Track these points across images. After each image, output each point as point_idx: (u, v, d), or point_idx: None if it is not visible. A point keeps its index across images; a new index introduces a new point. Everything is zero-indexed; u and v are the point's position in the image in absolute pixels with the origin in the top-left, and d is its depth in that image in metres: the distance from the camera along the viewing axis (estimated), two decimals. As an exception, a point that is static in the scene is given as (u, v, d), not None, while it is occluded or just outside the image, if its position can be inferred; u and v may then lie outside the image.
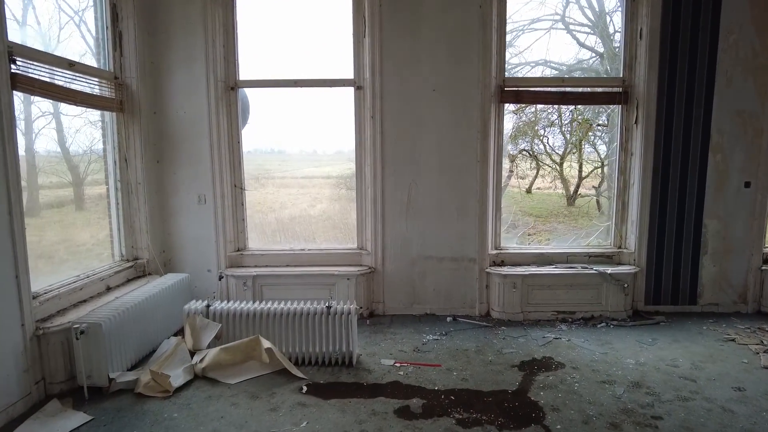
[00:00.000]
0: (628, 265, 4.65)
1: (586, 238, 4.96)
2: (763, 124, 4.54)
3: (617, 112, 4.70)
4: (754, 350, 3.79)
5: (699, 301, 4.72)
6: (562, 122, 5.40)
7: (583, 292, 4.53)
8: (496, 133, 4.56)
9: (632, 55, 4.54)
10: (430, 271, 4.61)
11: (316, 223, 5.03)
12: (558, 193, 6.07)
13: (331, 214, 5.10)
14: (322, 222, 5.04)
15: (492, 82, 4.43)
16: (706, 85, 4.46)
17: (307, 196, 5.27)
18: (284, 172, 5.27)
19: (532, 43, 4.77)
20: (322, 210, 5.19)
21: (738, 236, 4.66)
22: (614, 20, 4.93)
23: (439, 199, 4.53)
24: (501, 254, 4.68)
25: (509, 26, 4.56)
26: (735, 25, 4.40)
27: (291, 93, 4.67)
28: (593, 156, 5.73)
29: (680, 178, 4.56)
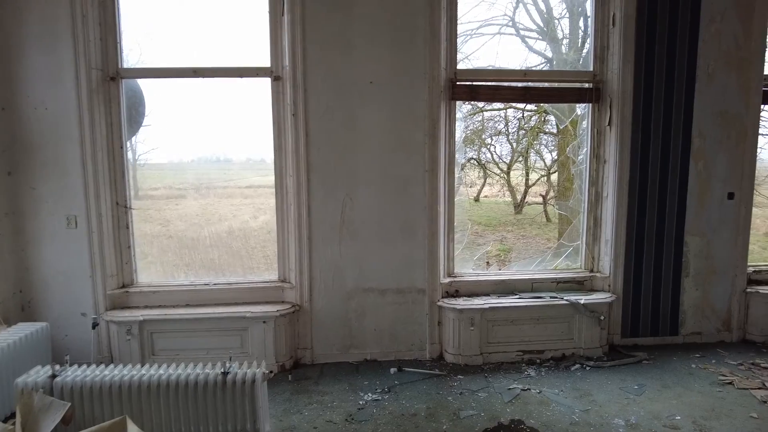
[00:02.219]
0: (603, 292, 3.94)
1: (553, 260, 4.23)
2: (747, 127, 3.97)
3: (586, 113, 4.00)
4: (760, 398, 3.13)
5: (681, 331, 4.08)
6: (509, 130, 5.35)
7: (553, 326, 3.78)
8: (447, 136, 3.75)
9: (603, 45, 3.85)
10: (370, 307, 3.72)
11: (257, 235, 4.10)
12: (505, 201, 6.05)
13: (272, 227, 4.22)
14: (264, 235, 4.10)
15: (441, 74, 3.61)
16: (687, 81, 3.83)
17: (250, 207, 4.47)
18: (228, 181, 4.46)
19: (480, 47, 4.17)
20: (265, 221, 4.32)
21: (721, 255, 4.06)
22: (563, 26, 4.71)
23: (381, 217, 3.65)
24: (455, 282, 3.86)
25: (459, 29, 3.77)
26: (717, 13, 3.80)
27: (206, 86, 3.68)
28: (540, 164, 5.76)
29: (659, 189, 3.91)
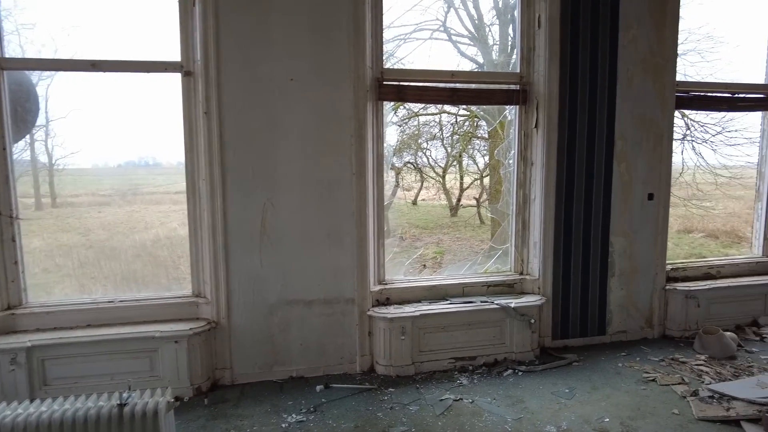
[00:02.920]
0: (533, 294, 3.93)
1: (483, 263, 4.18)
2: (663, 130, 4.11)
3: (514, 116, 3.98)
4: (680, 393, 3.20)
5: (608, 330, 4.14)
6: (444, 135, 5.38)
7: (485, 331, 3.71)
8: (375, 137, 3.58)
9: (530, 47, 3.84)
10: (296, 320, 3.47)
11: (185, 244, 3.72)
12: (442, 204, 6.09)
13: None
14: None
15: (367, 73, 3.45)
16: (609, 84, 3.90)
17: (179, 213, 4.10)
18: (157, 186, 4.10)
19: (412, 51, 4.11)
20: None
21: (643, 254, 4.17)
22: (493, 32, 4.81)
23: (305, 223, 3.42)
24: (386, 290, 3.70)
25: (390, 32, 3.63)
26: (633, 19, 3.90)
27: (121, 82, 3.33)
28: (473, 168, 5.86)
29: (585, 190, 3.95)
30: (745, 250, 6.12)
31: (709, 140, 6.32)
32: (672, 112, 4.12)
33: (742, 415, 2.87)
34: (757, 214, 4.85)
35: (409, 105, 5.15)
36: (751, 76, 4.63)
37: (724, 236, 7.33)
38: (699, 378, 3.42)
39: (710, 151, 6.46)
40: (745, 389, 3.20)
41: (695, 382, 3.37)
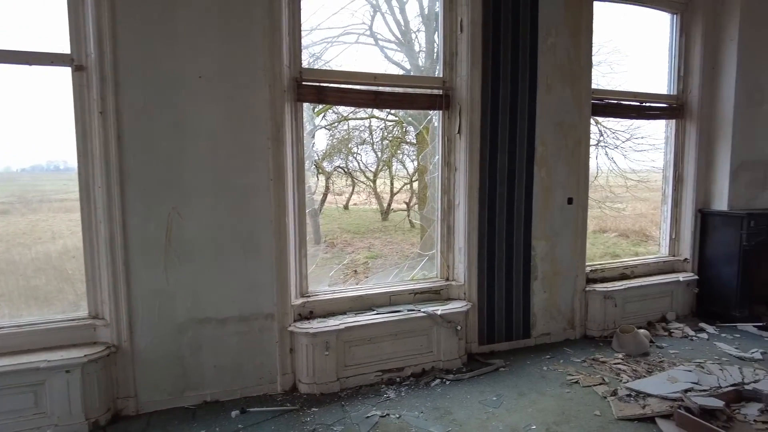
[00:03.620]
0: (459, 300, 3.88)
1: (410, 270, 4.09)
2: (581, 136, 4.23)
3: (438, 121, 3.93)
4: (601, 394, 3.26)
5: (532, 333, 4.19)
6: (374, 140, 5.37)
7: (412, 341, 3.61)
8: (294, 141, 3.38)
9: (452, 51, 3.81)
10: (209, 340, 3.18)
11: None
12: (373, 209, 6.13)
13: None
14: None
15: (285, 72, 3.24)
16: (529, 90, 3.96)
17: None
18: (67, 193, 3.62)
19: (339, 54, 3.96)
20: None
21: (564, 257, 4.27)
22: (419, 38, 4.82)
23: (218, 234, 3.15)
24: (309, 303, 3.49)
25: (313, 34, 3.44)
26: (552, 27, 3.99)
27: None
28: (403, 172, 5.91)
29: (507, 195, 3.97)
30: (652, 249, 6.52)
31: (620, 146, 6.73)
32: (588, 119, 4.25)
33: (656, 412, 2.96)
34: (663, 216, 5.14)
35: (338, 109, 5.02)
36: (656, 86, 4.92)
37: (633, 235, 7.82)
38: (618, 377, 3.52)
39: (621, 156, 6.88)
40: (658, 385, 3.32)
41: (614, 381, 3.46)
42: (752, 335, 4.42)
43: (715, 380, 3.44)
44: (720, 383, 3.39)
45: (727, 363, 3.78)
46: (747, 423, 2.89)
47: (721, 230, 4.76)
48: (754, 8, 4.59)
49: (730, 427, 2.84)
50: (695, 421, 2.74)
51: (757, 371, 3.62)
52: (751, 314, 4.69)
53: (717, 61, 4.72)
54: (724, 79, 4.70)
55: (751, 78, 4.67)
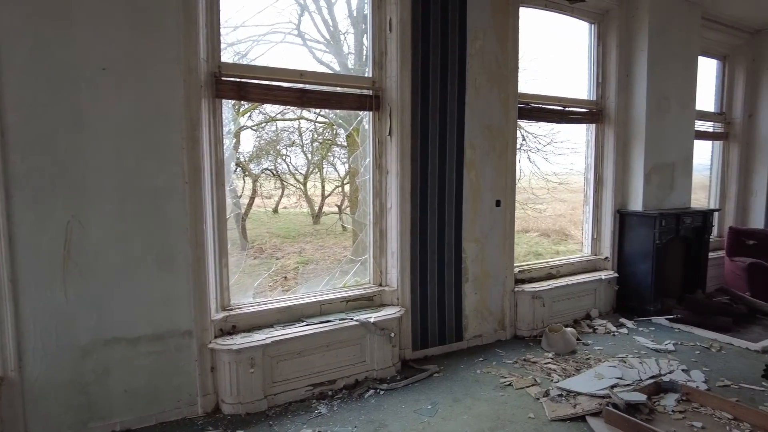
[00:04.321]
0: (392, 306, 3.78)
1: (342, 277, 3.93)
2: (509, 140, 4.29)
3: (368, 123, 3.82)
4: (534, 395, 3.28)
5: (465, 336, 4.18)
6: (303, 142, 5.20)
7: (344, 351, 3.45)
8: (213, 140, 3.12)
9: (382, 51, 3.71)
10: (117, 363, 2.84)
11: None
12: (304, 212, 5.96)
13: None
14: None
15: (201, 66, 2.98)
16: (458, 92, 3.94)
17: None
18: None
19: (264, 52, 3.73)
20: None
21: (493, 259, 4.30)
22: (348, 40, 4.71)
23: (126, 244, 2.82)
24: (232, 317, 3.24)
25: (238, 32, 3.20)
26: (480, 30, 4.00)
27: None
28: (334, 175, 5.73)
29: (439, 198, 3.93)
30: (571, 247, 6.82)
31: (541, 150, 6.98)
32: (515, 122, 4.32)
33: (586, 411, 3.00)
34: (585, 216, 5.35)
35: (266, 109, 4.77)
36: (578, 92, 5.11)
37: (554, 234, 8.17)
38: (549, 377, 3.57)
39: (542, 159, 7.14)
40: (586, 383, 3.40)
41: (546, 381, 3.49)
42: (665, 328, 4.69)
43: (636, 374, 3.57)
44: (641, 376, 3.53)
45: (646, 356, 3.96)
46: (666, 414, 3.01)
47: (636, 229, 5.02)
48: (660, 22, 4.89)
49: (652, 419, 2.94)
50: (622, 416, 2.80)
51: (671, 362, 3.82)
52: (663, 308, 4.98)
53: (630, 70, 4.99)
54: (637, 87, 4.97)
55: (659, 87, 4.98)
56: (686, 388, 3.22)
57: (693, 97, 5.37)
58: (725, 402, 3.05)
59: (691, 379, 3.52)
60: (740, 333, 4.49)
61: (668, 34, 4.98)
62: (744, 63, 6.29)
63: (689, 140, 5.41)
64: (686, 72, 5.25)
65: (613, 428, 2.80)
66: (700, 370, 3.69)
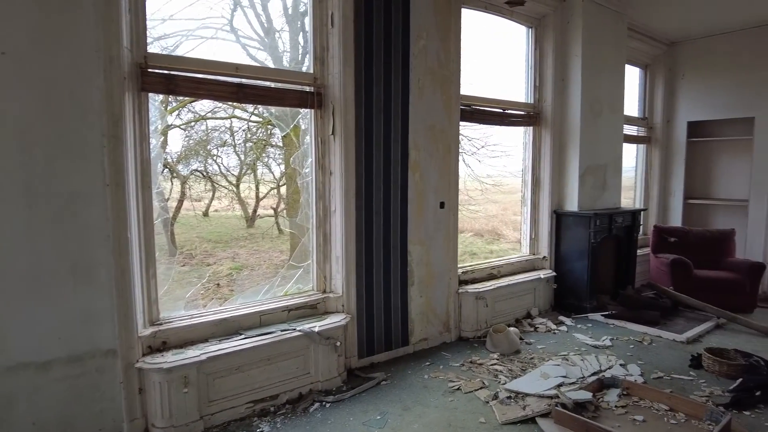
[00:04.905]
0: (337, 313, 3.62)
1: (283, 285, 3.72)
2: (451, 141, 4.26)
3: (309, 122, 3.64)
4: (484, 399, 3.24)
5: (411, 340, 4.09)
6: (236, 142, 4.98)
7: (287, 364, 3.25)
8: (138, 138, 2.82)
9: (323, 46, 3.55)
10: (25, 391, 2.47)
11: None
12: (237, 215, 5.68)
13: None
14: None
15: (125, 55, 2.68)
16: (402, 92, 3.86)
17: None
18: None
19: (195, 47, 3.44)
20: None
21: (438, 261, 4.26)
22: (284, 38, 4.51)
23: (34, 255, 2.46)
24: (161, 332, 2.94)
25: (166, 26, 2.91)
26: (423, 30, 3.94)
27: None
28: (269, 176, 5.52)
29: (384, 200, 3.82)
30: (504, 246, 6.98)
31: (476, 152, 7.09)
32: (458, 124, 4.30)
33: (536, 412, 3.00)
34: (523, 217, 5.45)
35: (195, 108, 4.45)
36: (516, 95, 5.19)
37: (487, 234, 8.35)
38: (496, 378, 3.55)
39: (477, 161, 7.26)
40: (533, 383, 3.41)
41: (494, 383, 3.47)
42: (601, 324, 4.86)
43: (579, 371, 3.64)
44: (584, 374, 3.61)
45: (586, 353, 4.06)
46: (610, 410, 3.07)
47: (573, 229, 5.17)
48: (592, 30, 5.08)
49: (597, 416, 2.98)
50: (571, 416, 2.82)
51: (609, 357, 3.94)
52: (598, 304, 5.17)
53: (565, 74, 5.14)
54: (571, 91, 5.13)
55: (592, 91, 5.17)
56: (626, 383, 3.31)
57: (621, 102, 5.64)
58: (661, 394, 3.15)
59: (629, 373, 3.64)
60: (667, 326, 4.74)
61: (599, 42, 5.18)
62: (663, 72, 6.71)
63: (619, 143, 5.68)
64: (615, 78, 5.50)
65: (562, 428, 2.81)
66: (635, 363, 3.84)
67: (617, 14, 5.36)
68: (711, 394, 3.34)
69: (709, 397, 3.30)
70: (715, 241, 5.83)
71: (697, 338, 4.46)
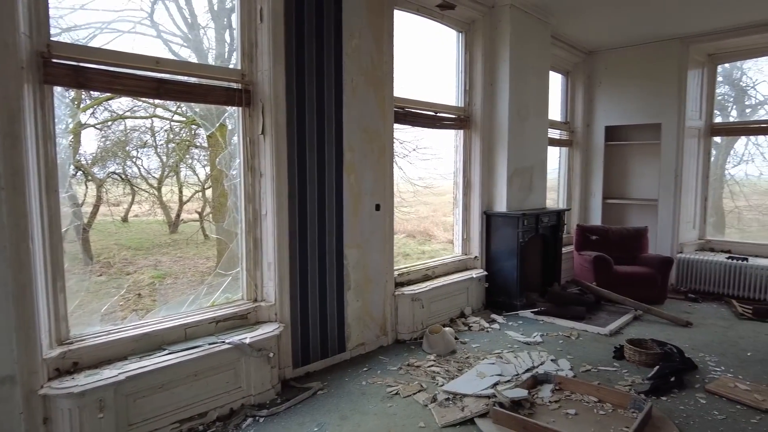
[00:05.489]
0: (270, 323, 3.46)
1: (210, 295, 3.50)
2: (385, 143, 4.22)
3: (237, 121, 3.45)
4: (422, 402, 3.21)
5: (348, 346, 4.00)
6: (157, 142, 4.68)
7: (216, 379, 3.04)
8: (40, 137, 2.52)
9: (252, 41, 3.38)
10: None
11: None
12: (159, 220, 5.36)
13: None
14: None
15: (22, 42, 2.38)
16: (335, 92, 3.76)
17: None
18: None
19: (110, 41, 3.15)
20: None
21: (374, 264, 4.20)
22: (209, 36, 4.29)
23: None
24: (72, 352, 2.64)
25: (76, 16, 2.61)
26: (356, 29, 3.87)
27: None
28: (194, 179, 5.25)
29: (318, 203, 3.71)
30: (435, 246, 7.08)
31: (407, 155, 7.15)
32: (392, 126, 4.27)
33: (474, 412, 3.01)
34: (455, 218, 5.53)
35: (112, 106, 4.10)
36: (448, 98, 5.25)
37: (419, 235, 8.46)
38: (434, 380, 3.54)
39: (408, 164, 7.32)
40: (470, 383, 3.43)
41: (432, 386, 3.46)
42: (531, 320, 5.02)
43: (514, 369, 3.72)
44: (518, 371, 3.69)
45: (519, 350, 4.16)
46: (545, 405, 3.14)
47: (502, 229, 5.31)
48: (519, 36, 5.25)
49: (533, 413, 3.05)
50: (509, 415, 2.85)
51: (541, 353, 4.06)
52: (527, 301, 5.34)
53: (494, 78, 5.27)
54: (500, 96, 5.27)
55: (519, 96, 5.35)
56: (558, 378, 3.41)
57: (546, 107, 5.88)
58: (590, 387, 3.28)
59: (560, 368, 3.76)
60: (592, 320, 4.98)
61: (526, 48, 5.37)
62: (582, 79, 7.10)
63: (544, 146, 5.91)
64: (540, 84, 5.72)
65: (501, 428, 2.83)
66: (565, 358, 3.99)
67: (542, 22, 5.58)
68: (633, 382, 3.53)
69: (632, 385, 3.48)
70: (631, 238, 6.23)
71: (619, 330, 4.72)
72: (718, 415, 3.09)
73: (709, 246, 6.71)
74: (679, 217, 6.41)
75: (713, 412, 3.14)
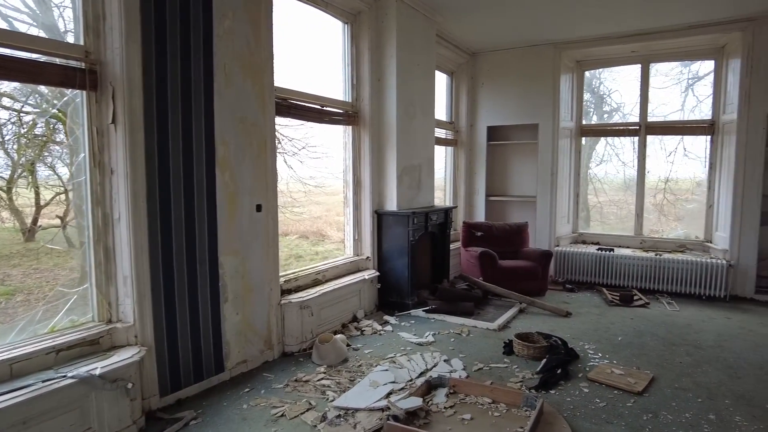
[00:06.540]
0: (128, 347, 2.92)
1: (49, 319, 2.86)
2: (266, 136, 3.85)
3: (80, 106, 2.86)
4: (311, 423, 2.91)
5: (227, 365, 3.56)
6: (4, 137, 3.86)
7: (55, 423, 2.46)
8: None
9: (98, 13, 2.81)
10: None
11: None
12: (9, 228, 4.56)
13: None
14: None
15: None
16: (205, 78, 3.31)
17: None
18: None
19: None
20: None
21: (256, 271, 3.80)
22: (65, 15, 3.63)
23: None
24: None
25: None
26: (229, 8, 3.45)
27: None
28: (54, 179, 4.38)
29: (186, 205, 3.23)
30: (329, 247, 6.83)
31: (297, 153, 6.80)
32: (273, 118, 3.90)
33: (368, 429, 2.78)
34: (346, 218, 5.29)
35: None
36: (335, 92, 4.99)
37: (312, 236, 8.16)
38: (324, 396, 3.25)
39: (298, 162, 6.98)
40: (362, 395, 3.20)
41: (322, 402, 3.17)
42: (423, 319, 4.95)
43: (407, 373, 3.57)
44: (411, 375, 3.54)
45: (412, 352, 4.03)
46: (440, 412, 3.01)
47: (393, 228, 5.18)
48: (405, 31, 5.15)
49: (429, 421, 2.90)
50: (403, 428, 2.66)
51: (434, 354, 3.97)
52: (419, 300, 5.27)
53: (382, 74, 5.12)
54: (388, 93, 5.13)
55: (407, 93, 5.26)
56: (452, 380, 3.31)
57: (432, 106, 5.87)
58: (484, 387, 3.23)
59: (453, 369, 3.69)
60: (480, 315, 5.05)
61: (412, 45, 5.29)
62: (466, 79, 7.26)
63: (431, 145, 5.91)
64: (426, 82, 5.69)
65: (396, 443, 2.63)
66: (458, 357, 3.93)
67: (428, 19, 5.55)
68: (524, 378, 3.56)
69: (522, 381, 3.50)
70: (513, 234, 6.48)
71: (506, 324, 4.82)
72: (600, 403, 3.20)
73: (582, 239, 7.23)
74: (555, 212, 6.81)
75: (595, 400, 3.24)
